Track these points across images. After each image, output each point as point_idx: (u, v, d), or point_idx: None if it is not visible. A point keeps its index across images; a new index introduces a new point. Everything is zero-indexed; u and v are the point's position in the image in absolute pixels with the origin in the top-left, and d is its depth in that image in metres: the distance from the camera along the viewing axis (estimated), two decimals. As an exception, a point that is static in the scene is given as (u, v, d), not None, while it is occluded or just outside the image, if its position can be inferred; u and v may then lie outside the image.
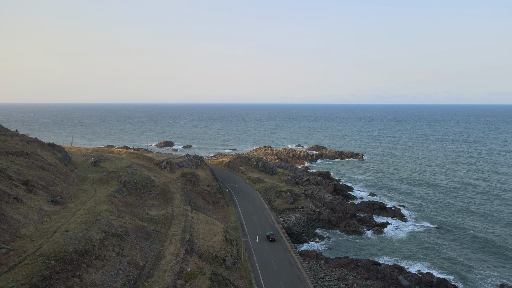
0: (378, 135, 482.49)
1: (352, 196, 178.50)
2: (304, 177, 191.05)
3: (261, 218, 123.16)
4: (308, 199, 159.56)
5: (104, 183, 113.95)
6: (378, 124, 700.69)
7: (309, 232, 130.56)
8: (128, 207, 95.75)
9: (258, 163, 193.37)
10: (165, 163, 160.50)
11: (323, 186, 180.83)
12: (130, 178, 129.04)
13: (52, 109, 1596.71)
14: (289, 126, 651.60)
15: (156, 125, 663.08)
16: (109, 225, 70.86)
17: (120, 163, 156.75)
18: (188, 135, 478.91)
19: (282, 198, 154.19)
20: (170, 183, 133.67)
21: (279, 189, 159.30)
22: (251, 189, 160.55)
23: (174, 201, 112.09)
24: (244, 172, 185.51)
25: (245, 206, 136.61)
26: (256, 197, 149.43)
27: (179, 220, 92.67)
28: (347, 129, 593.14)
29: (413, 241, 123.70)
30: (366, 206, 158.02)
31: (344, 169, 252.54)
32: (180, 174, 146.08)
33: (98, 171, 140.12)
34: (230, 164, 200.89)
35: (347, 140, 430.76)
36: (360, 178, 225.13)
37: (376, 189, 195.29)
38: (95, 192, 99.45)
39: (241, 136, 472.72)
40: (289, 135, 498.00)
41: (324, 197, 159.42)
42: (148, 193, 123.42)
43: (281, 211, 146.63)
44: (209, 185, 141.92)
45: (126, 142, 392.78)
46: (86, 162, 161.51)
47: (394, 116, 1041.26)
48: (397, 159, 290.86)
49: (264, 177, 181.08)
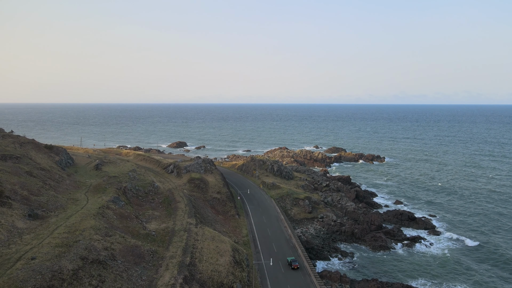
0: (398, 137, 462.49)
1: (376, 204, 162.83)
2: (323, 182, 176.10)
3: (276, 232, 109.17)
4: (328, 207, 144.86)
5: (101, 191, 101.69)
6: (397, 124, 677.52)
7: (330, 246, 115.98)
8: (122, 220, 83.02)
9: (273, 167, 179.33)
10: (172, 167, 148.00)
11: (344, 192, 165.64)
12: (132, 184, 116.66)
13: (69, 109, 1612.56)
14: (304, 127, 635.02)
15: (169, 125, 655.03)
16: (90, 248, 58.02)
17: (124, 167, 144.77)
18: (202, 136, 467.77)
19: (300, 207, 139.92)
20: (176, 190, 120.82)
21: (296, 196, 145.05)
22: (266, 196, 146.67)
23: (177, 212, 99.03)
24: (258, 177, 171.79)
25: (258, 216, 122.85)
26: (271, 205, 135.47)
27: (180, 237, 79.42)
28: (365, 130, 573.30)
29: (451, 260, 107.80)
30: (393, 216, 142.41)
31: (365, 173, 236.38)
32: (188, 179, 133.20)
33: (98, 175, 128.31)
34: (243, 168, 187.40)
35: (365, 142, 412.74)
36: (383, 183, 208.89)
37: (401, 196, 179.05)
38: (87, 203, 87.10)
39: (256, 137, 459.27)
40: (305, 136, 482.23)
41: (346, 206, 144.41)
42: (151, 202, 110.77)
43: (299, 221, 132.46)
44: (218, 192, 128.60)
45: (139, 142, 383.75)
46: (89, 165, 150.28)
47: (413, 116, 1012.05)
48: (421, 162, 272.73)
49: (280, 182, 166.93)
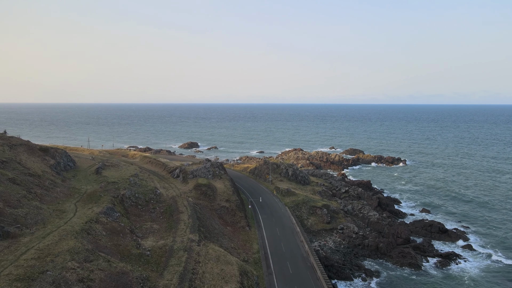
0: (416, 138, 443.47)
1: (401, 213, 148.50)
2: (342, 188, 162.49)
3: (291, 247, 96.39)
4: (349, 217, 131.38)
5: (94, 200, 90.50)
6: (414, 125, 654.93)
7: (352, 263, 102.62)
8: (113, 237, 71.44)
9: (288, 171, 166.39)
10: (178, 171, 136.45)
11: (366, 199, 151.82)
12: (131, 191, 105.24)
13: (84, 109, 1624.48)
14: (319, 127, 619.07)
15: (181, 125, 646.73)
16: (59, 282, 46.33)
17: (126, 170, 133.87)
18: (214, 136, 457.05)
19: (317, 216, 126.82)
20: (180, 198, 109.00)
21: (313, 204, 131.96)
22: (280, 203, 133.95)
23: (179, 225, 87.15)
24: (271, 182, 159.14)
25: (271, 228, 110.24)
26: (285, 214, 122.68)
27: (179, 259, 67.38)
28: (381, 130, 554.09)
29: (494, 283, 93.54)
30: (421, 228, 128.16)
31: (386, 177, 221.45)
32: (194, 185, 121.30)
33: (97, 181, 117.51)
34: (255, 171, 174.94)
35: (382, 143, 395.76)
36: (406, 188, 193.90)
37: (427, 204, 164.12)
38: (74, 215, 75.83)
39: (269, 138, 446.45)
40: (320, 136, 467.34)
41: (368, 215, 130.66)
42: (151, 211, 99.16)
43: (316, 233, 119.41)
44: (227, 200, 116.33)
45: (149, 143, 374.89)
46: (91, 168, 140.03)
47: (430, 117, 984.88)
48: (444, 166, 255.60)
49: (295, 188, 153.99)
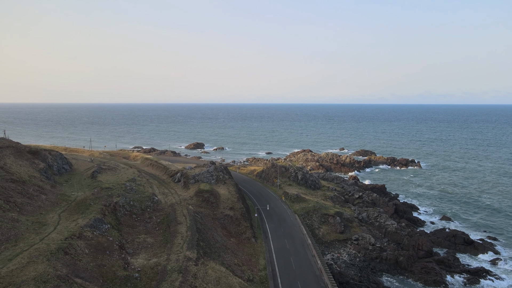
0: (429, 139, 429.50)
1: (420, 221, 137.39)
2: (355, 193, 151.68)
3: (302, 263, 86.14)
4: (364, 226, 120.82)
5: (82, 209, 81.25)
6: (425, 126, 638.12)
7: (370, 280, 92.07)
8: (97, 255, 61.99)
9: (297, 175, 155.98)
10: (179, 175, 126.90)
11: (381, 206, 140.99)
12: (126, 199, 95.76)
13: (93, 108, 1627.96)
14: (327, 127, 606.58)
15: (188, 125, 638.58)
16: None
17: (124, 174, 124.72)
18: (221, 136, 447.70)
19: (329, 225, 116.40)
20: (179, 206, 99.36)
21: (325, 212, 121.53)
22: (288, 210, 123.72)
23: (175, 238, 77.45)
24: (279, 186, 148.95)
25: (280, 239, 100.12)
26: (295, 223, 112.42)
27: (172, 283, 57.61)
28: (392, 131, 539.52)
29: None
30: (443, 239, 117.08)
31: (400, 181, 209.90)
32: (195, 191, 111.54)
33: (90, 186, 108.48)
34: (262, 175, 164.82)
35: (393, 144, 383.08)
36: (422, 192, 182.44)
37: (447, 210, 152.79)
38: (54, 229, 66.54)
39: (277, 138, 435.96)
40: (328, 136, 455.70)
41: (385, 225, 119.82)
42: (147, 221, 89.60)
43: (328, 244, 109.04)
44: (231, 208, 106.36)
45: (155, 143, 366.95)
46: (87, 172, 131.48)
47: (441, 117, 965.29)
48: (461, 168, 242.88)
49: (305, 193, 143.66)
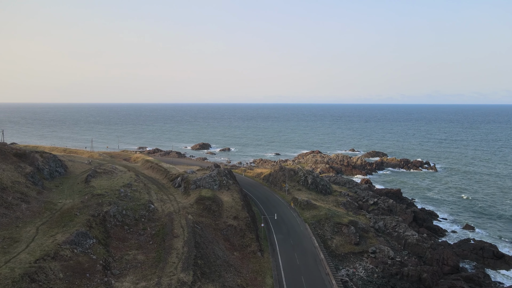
0: (441, 139, 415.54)
1: (441, 230, 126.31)
2: (370, 199, 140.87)
3: (315, 283, 75.90)
4: (381, 236, 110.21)
5: (65, 221, 71.88)
6: (435, 126, 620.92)
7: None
8: (74, 279, 52.46)
9: (307, 179, 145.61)
10: (180, 180, 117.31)
11: (399, 213, 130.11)
12: (118, 208, 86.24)
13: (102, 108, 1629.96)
14: (335, 127, 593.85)
15: (194, 125, 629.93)
16: None
17: (120, 179, 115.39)
18: (227, 137, 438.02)
19: (343, 235, 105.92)
20: (178, 215, 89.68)
21: (338, 221, 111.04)
22: (298, 219, 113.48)
23: (170, 256, 67.68)
24: (288, 191, 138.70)
25: (289, 253, 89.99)
26: (305, 234, 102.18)
27: (160, 318, 47.83)
28: (402, 131, 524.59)
29: None
30: (469, 251, 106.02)
31: (416, 185, 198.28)
32: (196, 198, 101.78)
33: (81, 192, 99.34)
34: (270, 179, 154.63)
35: (405, 145, 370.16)
36: (440, 198, 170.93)
37: (469, 218, 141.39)
38: (26, 247, 57.13)
39: (284, 138, 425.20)
40: (336, 137, 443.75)
41: (405, 235, 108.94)
42: (139, 234, 79.96)
43: (342, 257, 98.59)
44: (235, 217, 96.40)
45: (160, 143, 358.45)
46: (82, 176, 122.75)
47: (451, 117, 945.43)
48: (478, 172, 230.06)
49: (316, 199, 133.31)
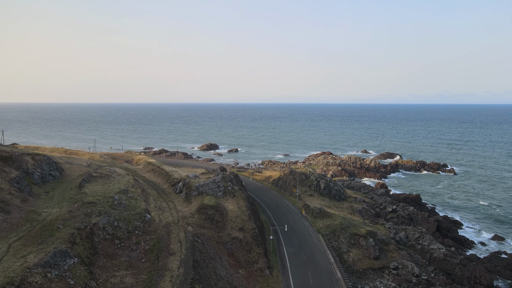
0: (456, 139, 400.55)
1: (468, 241, 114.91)
2: (388, 205, 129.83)
3: (332, 309, 65.66)
4: (403, 249, 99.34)
5: (44, 236, 62.62)
6: (449, 126, 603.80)
7: (418, 327, 71.06)
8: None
9: (320, 183, 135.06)
10: (181, 185, 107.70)
11: (420, 222, 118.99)
12: (109, 219, 76.77)
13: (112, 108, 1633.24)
14: (346, 128, 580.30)
15: (203, 125, 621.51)
16: None
17: (117, 184, 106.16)
18: (235, 137, 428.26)
19: (361, 248, 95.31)
20: (176, 227, 80.00)
21: (355, 231, 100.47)
22: (310, 229, 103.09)
23: (162, 280, 57.88)
24: (299, 197, 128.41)
25: (301, 270, 79.73)
26: (319, 247, 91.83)
27: None
28: (415, 131, 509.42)
29: None
30: (503, 267, 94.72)
31: (434, 189, 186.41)
32: (198, 206, 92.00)
33: (72, 199, 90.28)
34: (279, 183, 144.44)
35: (419, 145, 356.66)
36: (462, 204, 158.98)
37: (497, 226, 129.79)
38: (-12, 273, 47.71)
39: (294, 139, 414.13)
40: (348, 137, 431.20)
41: (430, 249, 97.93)
42: (131, 250, 70.39)
43: (361, 274, 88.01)
44: (241, 229, 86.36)
45: (166, 144, 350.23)
46: (79, 179, 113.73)
47: (465, 117, 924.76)
48: (502, 177, 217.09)
49: (329, 206, 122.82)
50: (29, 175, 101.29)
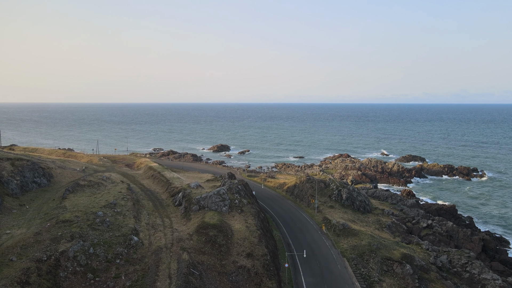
0: (481, 141, 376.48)
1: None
2: (421, 220, 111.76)
3: None
4: (446, 277, 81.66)
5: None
6: (470, 127, 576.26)
7: None
8: None
9: (341, 193, 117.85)
10: (181, 197, 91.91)
11: (462, 241, 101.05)
12: (85, 244, 61.35)
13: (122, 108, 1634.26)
14: (360, 127, 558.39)
15: (214, 125, 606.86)
16: None
17: (106, 194, 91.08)
18: (247, 138, 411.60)
19: (396, 277, 78.06)
20: (168, 253, 64.15)
21: (387, 255, 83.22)
22: (333, 250, 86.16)
23: None
24: (317, 209, 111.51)
25: (324, 311, 63.11)
26: (345, 277, 74.80)
27: None
28: (436, 132, 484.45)
29: None
30: None
31: (467, 198, 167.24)
32: (198, 225, 75.92)
33: (48, 214, 75.37)
34: (295, 191, 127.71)
35: (440, 147, 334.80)
36: (501, 215, 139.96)
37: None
38: None
39: (309, 140, 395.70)
40: (365, 139, 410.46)
41: (482, 279, 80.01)
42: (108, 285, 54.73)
43: (398, 311, 70.93)
44: (250, 255, 69.95)
45: (176, 145, 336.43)
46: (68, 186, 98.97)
47: (486, 117, 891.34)
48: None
49: (353, 220, 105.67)
50: (3, 184, 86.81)
